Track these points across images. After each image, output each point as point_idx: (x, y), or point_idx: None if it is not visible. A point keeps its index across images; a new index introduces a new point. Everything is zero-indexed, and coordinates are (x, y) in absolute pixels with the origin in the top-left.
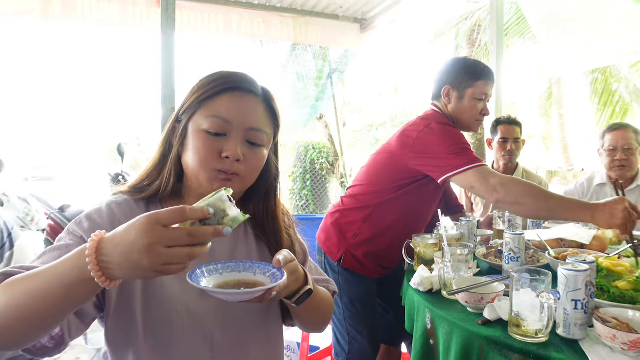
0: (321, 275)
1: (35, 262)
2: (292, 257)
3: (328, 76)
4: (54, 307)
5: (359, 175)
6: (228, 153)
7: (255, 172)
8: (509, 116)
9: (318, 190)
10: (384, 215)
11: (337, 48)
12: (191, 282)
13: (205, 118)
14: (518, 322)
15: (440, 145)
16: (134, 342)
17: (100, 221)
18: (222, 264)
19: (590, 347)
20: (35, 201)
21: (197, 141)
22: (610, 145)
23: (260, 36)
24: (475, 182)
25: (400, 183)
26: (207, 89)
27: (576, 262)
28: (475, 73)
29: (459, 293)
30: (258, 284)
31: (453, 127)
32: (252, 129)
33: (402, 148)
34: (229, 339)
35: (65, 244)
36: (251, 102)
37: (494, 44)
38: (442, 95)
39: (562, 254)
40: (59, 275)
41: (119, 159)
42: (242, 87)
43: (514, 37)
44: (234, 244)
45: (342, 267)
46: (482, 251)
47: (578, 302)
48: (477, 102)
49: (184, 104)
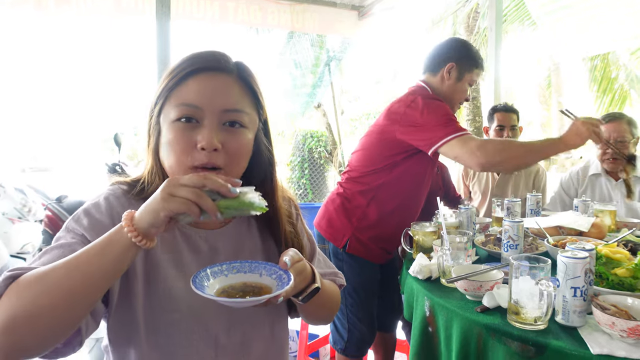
0: (329, 268)
1: (36, 262)
2: (299, 256)
3: (325, 64)
4: (93, 274)
5: (353, 160)
6: (202, 143)
7: (240, 159)
8: (505, 103)
9: (316, 178)
10: (388, 198)
11: (334, 36)
12: (195, 289)
13: (174, 107)
14: (517, 309)
15: (427, 117)
16: (136, 341)
17: (99, 216)
18: (227, 265)
19: (589, 334)
20: (32, 192)
21: (169, 135)
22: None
23: (256, 24)
24: (458, 150)
25: (394, 159)
26: (173, 75)
27: (575, 249)
28: (476, 60)
29: (458, 281)
30: (264, 287)
31: (439, 100)
32: (226, 110)
33: (392, 124)
34: (233, 339)
35: (67, 242)
36: (222, 82)
37: (492, 30)
38: (443, 69)
39: (560, 241)
40: (95, 244)
41: (115, 149)
42: (211, 67)
43: (512, 23)
44: (239, 240)
45: (347, 253)
46: (480, 239)
47: (577, 290)
48: (467, 87)
49: (155, 96)
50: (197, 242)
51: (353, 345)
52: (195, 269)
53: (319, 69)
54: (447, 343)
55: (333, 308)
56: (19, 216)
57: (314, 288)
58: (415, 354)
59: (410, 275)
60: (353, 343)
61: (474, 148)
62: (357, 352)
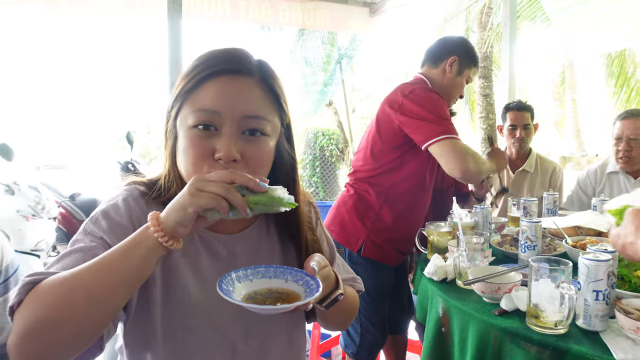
0: (348, 273)
1: (55, 267)
2: (325, 261)
3: (337, 62)
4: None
5: (358, 159)
6: (220, 153)
7: (261, 169)
8: (519, 101)
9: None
10: (399, 197)
11: (345, 33)
12: (223, 295)
13: (192, 113)
14: (537, 313)
15: (424, 111)
16: (152, 346)
17: (119, 218)
18: (252, 269)
19: (611, 340)
20: (46, 189)
21: (186, 141)
22: (617, 134)
23: (268, 22)
24: (447, 150)
25: (397, 152)
26: (190, 77)
27: (597, 251)
28: (475, 59)
29: (475, 283)
30: (291, 294)
31: (437, 94)
32: (247, 116)
33: (390, 112)
34: (251, 346)
35: (87, 246)
36: (243, 86)
37: (507, 26)
38: (445, 62)
39: (579, 242)
40: (120, 245)
41: (128, 147)
42: (231, 69)
43: (525, 19)
44: (259, 245)
45: (362, 256)
46: (496, 239)
47: (599, 293)
48: (465, 83)
49: (171, 98)
50: (216, 247)
51: (365, 350)
52: (214, 273)
53: (330, 66)
54: (461, 346)
55: (351, 314)
56: (32, 214)
57: (338, 294)
58: (428, 356)
59: (425, 277)
60: (365, 347)
61: (466, 153)
62: (369, 356)
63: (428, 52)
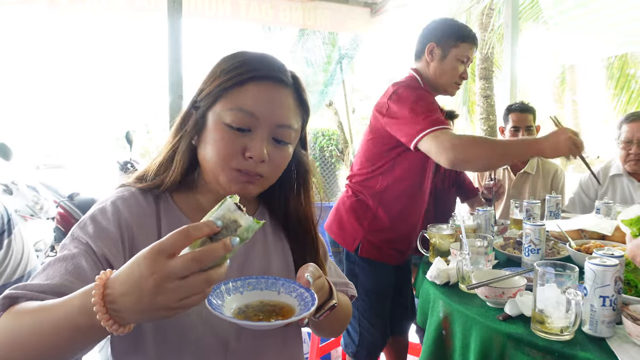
0: (340, 278)
1: (40, 276)
2: (319, 271)
3: (337, 62)
4: (65, 348)
5: (356, 161)
6: (252, 153)
7: (279, 172)
8: (521, 102)
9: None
10: (393, 199)
11: (346, 33)
12: (213, 310)
13: (229, 110)
14: (542, 318)
15: (406, 110)
16: (142, 349)
17: (106, 223)
18: (242, 281)
19: (618, 346)
20: (44, 189)
21: (217, 135)
22: (626, 137)
23: (268, 22)
24: (430, 145)
25: (390, 156)
26: (231, 76)
27: (604, 256)
28: (461, 34)
29: (478, 287)
30: (284, 306)
31: (423, 90)
32: (280, 125)
33: (379, 116)
34: (244, 346)
35: (70, 254)
36: (281, 94)
37: (508, 27)
38: (425, 52)
39: (583, 245)
40: (68, 317)
41: (127, 147)
42: (272, 76)
43: (527, 21)
44: (251, 249)
45: (360, 256)
46: (499, 242)
47: (606, 299)
48: (459, 64)
49: (203, 89)
50: None
51: (364, 350)
52: None
53: (330, 66)
54: (463, 351)
55: (345, 322)
56: (31, 214)
57: (332, 304)
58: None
59: (427, 280)
60: (364, 347)
61: (445, 143)
62: (368, 356)
63: (415, 45)
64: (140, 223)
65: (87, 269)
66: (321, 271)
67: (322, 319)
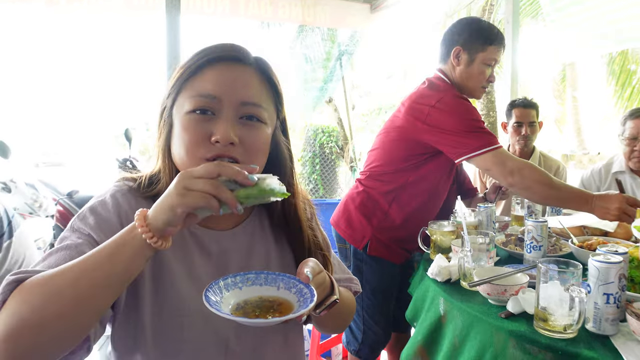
0: (344, 273)
1: (41, 265)
2: (319, 267)
3: (337, 58)
4: (102, 280)
5: (372, 157)
6: (218, 136)
7: (258, 155)
8: (524, 98)
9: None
10: (409, 199)
11: (346, 29)
12: (210, 307)
13: (189, 98)
14: (545, 316)
15: (456, 123)
16: (142, 347)
17: (106, 214)
18: (241, 276)
19: (622, 344)
20: (43, 187)
21: (181, 127)
22: (630, 133)
23: (267, 18)
24: (492, 165)
25: (417, 160)
26: (187, 66)
27: (608, 252)
28: (488, 37)
29: (480, 285)
30: (283, 302)
31: (466, 100)
32: (245, 103)
33: (414, 121)
34: (244, 344)
35: (73, 243)
36: (242, 73)
37: (509, 23)
38: (451, 56)
39: (586, 242)
40: (104, 246)
41: (126, 145)
42: (228, 56)
43: (526, 17)
44: (252, 242)
45: (369, 255)
46: (500, 239)
47: (610, 296)
48: (486, 68)
49: (168, 88)
50: (207, 244)
51: (367, 347)
52: (205, 270)
53: (330, 63)
54: (461, 347)
55: (348, 317)
56: (30, 211)
57: (333, 300)
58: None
59: (427, 277)
60: (367, 345)
61: (513, 169)
62: (371, 354)
63: (439, 47)
64: None
65: None
66: (321, 266)
67: (323, 315)
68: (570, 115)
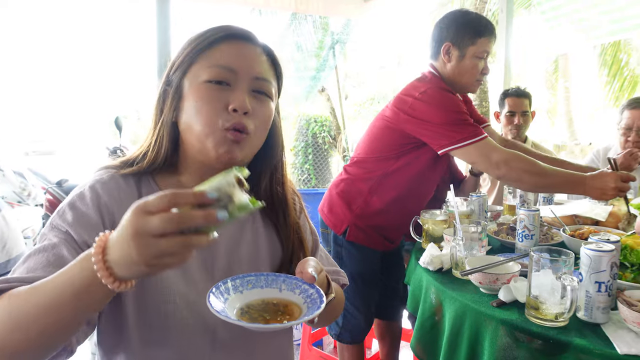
0: (332, 266)
1: (20, 269)
2: (320, 266)
3: (330, 47)
4: (68, 318)
5: (359, 146)
6: (235, 104)
7: (264, 130)
8: (517, 87)
9: (320, 164)
10: (390, 188)
11: (339, 18)
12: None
13: (206, 69)
14: (536, 304)
15: (438, 115)
16: (126, 337)
17: (85, 209)
18: (241, 279)
19: (613, 332)
20: (32, 175)
21: (197, 96)
22: (626, 124)
23: (259, 5)
24: (476, 157)
25: (400, 150)
26: (202, 39)
27: (600, 241)
28: (477, 30)
29: (472, 273)
30: (288, 304)
31: (452, 93)
32: (258, 77)
33: (398, 113)
34: (233, 332)
35: (50, 244)
36: (254, 50)
37: (503, 12)
38: (441, 53)
39: (577, 231)
40: (68, 282)
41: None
42: (242, 35)
43: (520, 7)
44: (240, 229)
45: (347, 240)
46: (492, 228)
47: (602, 285)
48: (479, 61)
49: (175, 62)
50: None
51: (347, 332)
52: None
53: (322, 52)
54: (454, 338)
55: (337, 311)
56: (18, 200)
57: (330, 298)
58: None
59: (420, 266)
60: (347, 330)
61: (499, 162)
62: (351, 339)
63: (429, 42)
64: (121, 206)
65: (69, 259)
66: (321, 265)
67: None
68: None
